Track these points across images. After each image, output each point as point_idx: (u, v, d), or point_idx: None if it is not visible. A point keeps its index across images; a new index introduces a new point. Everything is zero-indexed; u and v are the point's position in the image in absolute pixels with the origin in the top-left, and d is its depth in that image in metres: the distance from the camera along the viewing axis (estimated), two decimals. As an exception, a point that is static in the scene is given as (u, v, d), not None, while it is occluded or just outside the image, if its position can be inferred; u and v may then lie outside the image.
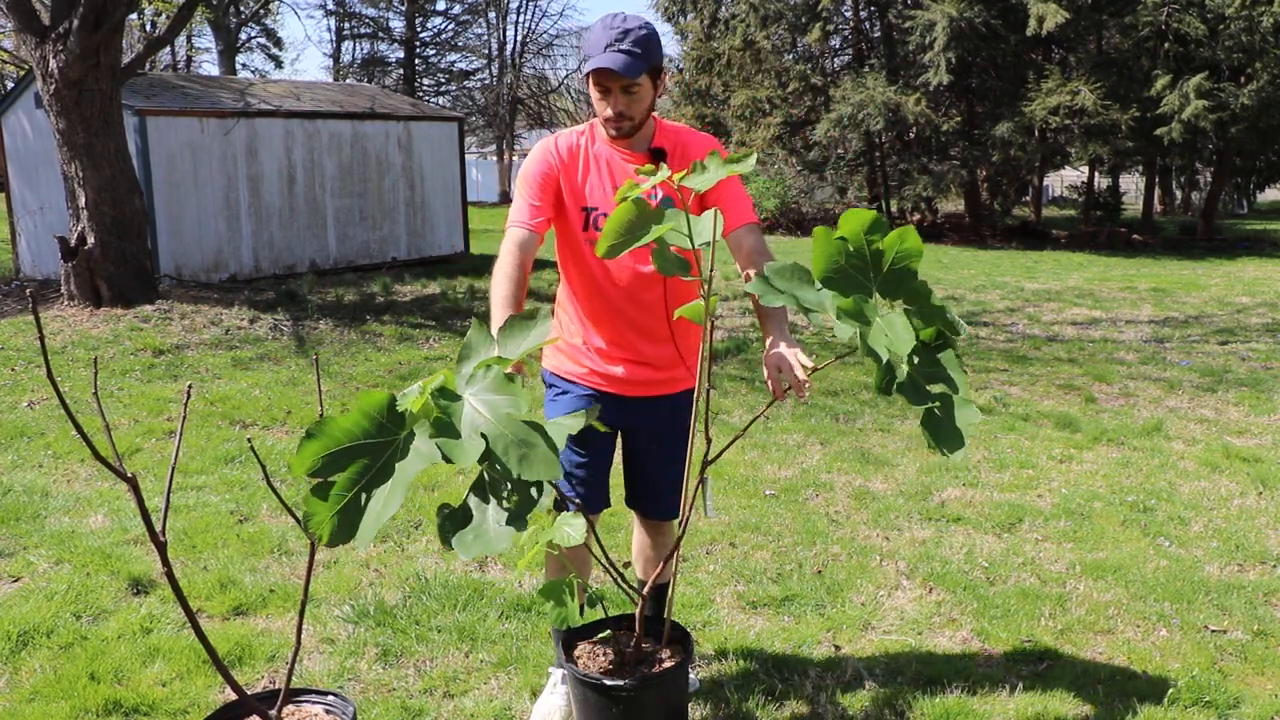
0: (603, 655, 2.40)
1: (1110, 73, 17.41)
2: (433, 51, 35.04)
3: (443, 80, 35.49)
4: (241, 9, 29.92)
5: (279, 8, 38.84)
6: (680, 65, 25.00)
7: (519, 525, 1.76)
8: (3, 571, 3.67)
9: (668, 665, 2.35)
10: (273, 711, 2.01)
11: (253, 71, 33.26)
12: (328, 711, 2.12)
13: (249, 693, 2.23)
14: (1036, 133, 17.99)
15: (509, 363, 1.80)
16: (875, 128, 18.64)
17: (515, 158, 34.17)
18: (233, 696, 2.40)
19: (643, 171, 2.11)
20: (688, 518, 2.34)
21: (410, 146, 13.35)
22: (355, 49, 34.98)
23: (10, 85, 21.29)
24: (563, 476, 1.77)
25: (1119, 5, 17.76)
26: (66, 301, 8.96)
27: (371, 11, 33.88)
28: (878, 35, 21.16)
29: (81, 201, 8.80)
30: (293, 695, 2.12)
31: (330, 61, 35.21)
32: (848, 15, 21.30)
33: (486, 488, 1.80)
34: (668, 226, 2.08)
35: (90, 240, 8.81)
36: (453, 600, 3.40)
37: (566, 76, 35.57)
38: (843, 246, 1.95)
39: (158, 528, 1.78)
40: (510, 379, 1.73)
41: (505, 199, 32.09)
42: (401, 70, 33.57)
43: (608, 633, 2.40)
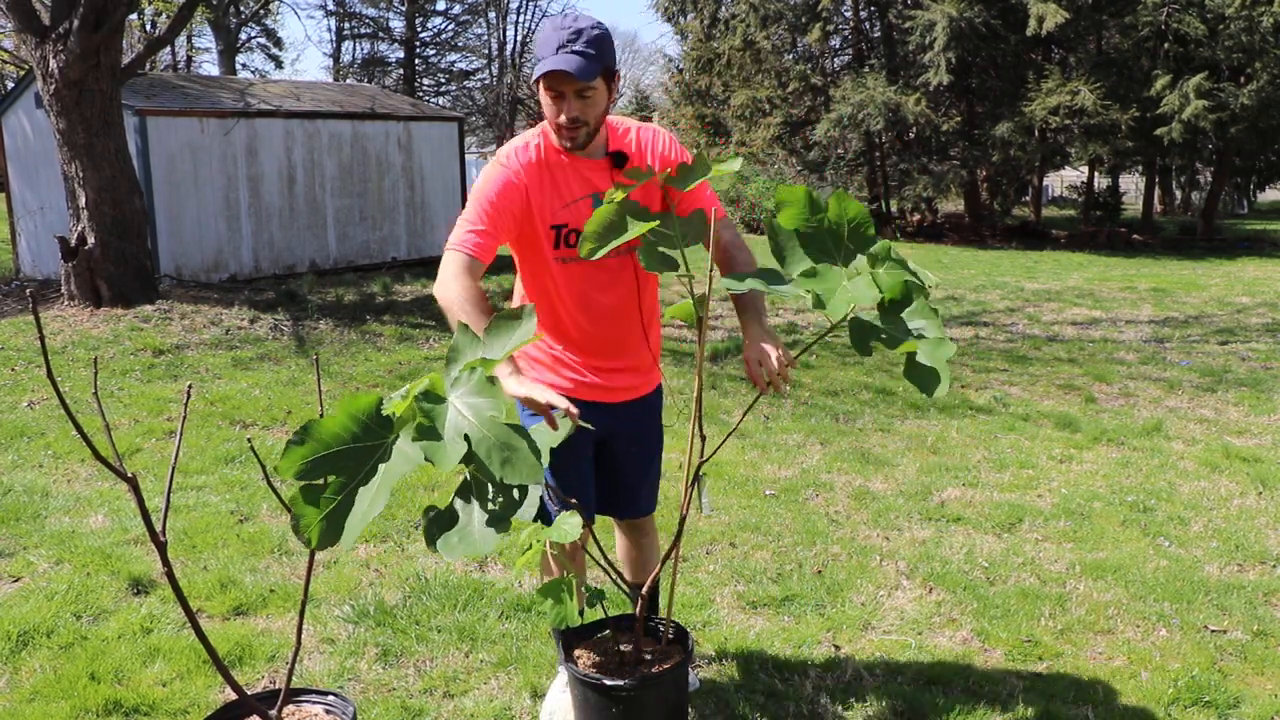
0: (602, 655, 2.40)
1: (1110, 73, 17.41)
2: (433, 51, 35.05)
3: (443, 80, 35.49)
4: (241, 9, 29.93)
5: (279, 8, 38.86)
6: (680, 65, 25.01)
7: (502, 528, 1.76)
8: (3, 571, 3.68)
9: (668, 665, 2.35)
10: (273, 711, 2.01)
11: (253, 71, 33.28)
12: (328, 711, 2.13)
13: (249, 693, 2.23)
14: (1036, 133, 17.99)
15: (494, 364, 1.78)
16: (875, 128, 18.64)
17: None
18: (233, 696, 2.40)
19: (629, 174, 2.13)
20: (685, 516, 2.35)
21: (410, 146, 13.35)
22: (355, 49, 35.02)
23: (10, 85, 21.30)
24: (544, 484, 1.77)
25: (1119, 5, 17.75)
26: (66, 301, 8.96)
27: (371, 11, 33.90)
28: (878, 35, 21.15)
29: (82, 201, 8.80)
30: (293, 695, 2.12)
31: (330, 61, 35.25)
32: (848, 15, 21.29)
33: (471, 490, 1.80)
34: (650, 225, 2.14)
35: (90, 240, 8.81)
36: (453, 600, 3.40)
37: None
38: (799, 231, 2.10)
39: (158, 528, 1.78)
40: (492, 381, 1.72)
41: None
42: (401, 70, 33.57)
43: (607, 633, 2.40)
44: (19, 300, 9.74)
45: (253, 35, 32.52)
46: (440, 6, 35.99)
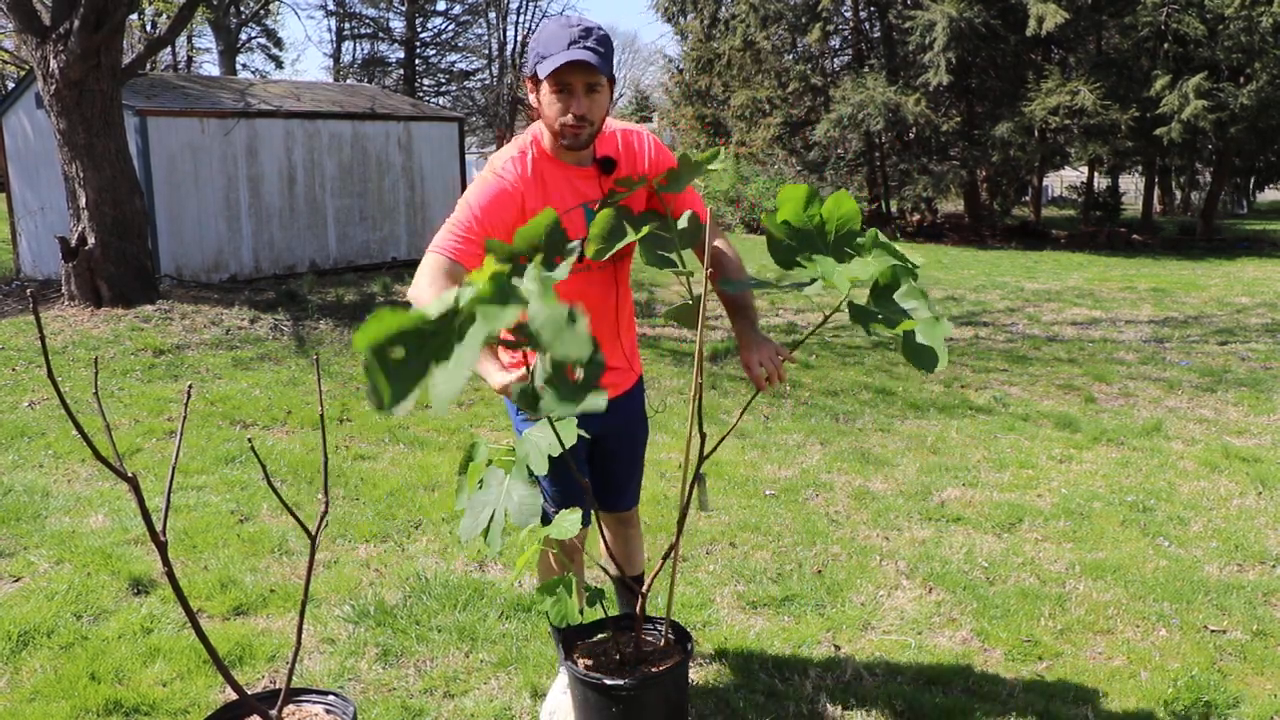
0: (602, 654, 2.41)
1: (1110, 73, 17.41)
2: (433, 52, 35.03)
3: (443, 80, 35.48)
4: (242, 9, 29.93)
5: (279, 8, 38.82)
6: (680, 65, 25.00)
7: (579, 394, 1.72)
8: (3, 571, 3.68)
9: (667, 665, 2.35)
10: (273, 711, 2.01)
11: (253, 72, 33.29)
12: (328, 711, 2.13)
13: (249, 693, 2.23)
14: (1036, 133, 17.98)
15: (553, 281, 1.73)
16: (875, 128, 18.63)
17: (515, 158, 34.06)
18: (233, 696, 2.40)
19: (620, 183, 2.22)
20: (685, 514, 2.35)
21: (410, 147, 13.35)
22: (355, 49, 34.99)
23: (11, 85, 21.31)
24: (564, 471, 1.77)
25: (1119, 5, 17.75)
26: (67, 301, 8.96)
27: (371, 12, 33.88)
28: (878, 35, 21.14)
29: (82, 202, 8.80)
30: (293, 695, 2.12)
31: (330, 62, 35.22)
32: (848, 15, 21.28)
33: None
34: (650, 227, 2.25)
35: (91, 240, 8.81)
36: (453, 600, 3.41)
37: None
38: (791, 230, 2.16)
39: (158, 528, 1.78)
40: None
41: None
42: (401, 70, 33.55)
43: (607, 633, 2.40)
44: (19, 300, 9.74)
45: (253, 35, 32.54)
46: (440, 7, 35.97)
